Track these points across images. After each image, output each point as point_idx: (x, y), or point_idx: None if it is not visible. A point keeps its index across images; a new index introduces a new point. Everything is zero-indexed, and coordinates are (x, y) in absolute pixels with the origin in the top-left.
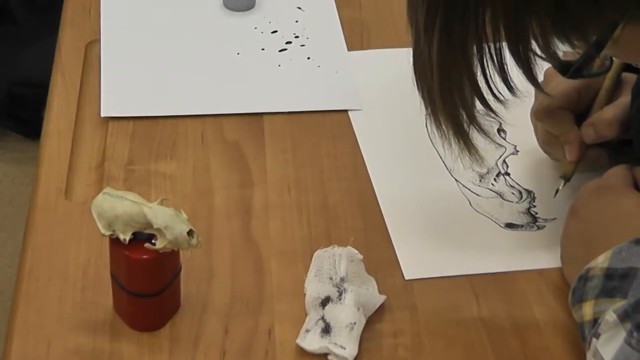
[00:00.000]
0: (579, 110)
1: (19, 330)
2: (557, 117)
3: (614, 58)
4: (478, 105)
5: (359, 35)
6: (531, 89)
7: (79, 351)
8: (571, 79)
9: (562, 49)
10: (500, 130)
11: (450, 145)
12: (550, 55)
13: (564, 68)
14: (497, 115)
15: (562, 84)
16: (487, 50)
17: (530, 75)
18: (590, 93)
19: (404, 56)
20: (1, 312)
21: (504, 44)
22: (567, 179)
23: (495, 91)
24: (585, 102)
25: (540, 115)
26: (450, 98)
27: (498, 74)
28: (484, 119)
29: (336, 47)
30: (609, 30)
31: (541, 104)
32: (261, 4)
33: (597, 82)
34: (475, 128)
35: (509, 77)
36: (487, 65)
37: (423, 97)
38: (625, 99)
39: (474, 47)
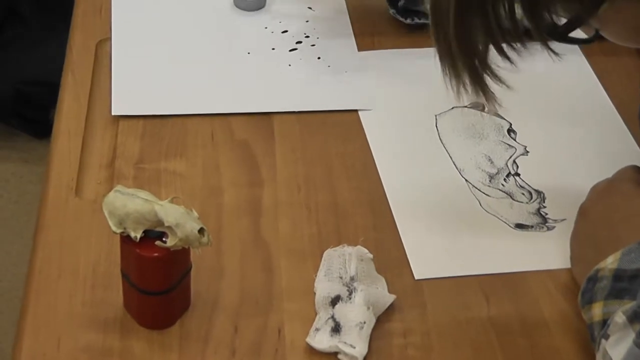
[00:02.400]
0: None
1: (30, 327)
2: None
3: None
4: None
5: (369, 35)
6: None
7: (89, 349)
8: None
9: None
10: (510, 130)
11: (467, 91)
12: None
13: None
14: (511, 62)
15: None
16: None
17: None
18: None
19: (414, 56)
20: (9, 311)
21: None
22: None
23: (507, 37)
24: None
25: None
26: (466, 43)
27: (508, 19)
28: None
29: (346, 47)
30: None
31: None
32: (272, 4)
33: None
34: (489, 74)
35: (518, 24)
36: (500, 10)
37: (439, 43)
38: None
39: None
